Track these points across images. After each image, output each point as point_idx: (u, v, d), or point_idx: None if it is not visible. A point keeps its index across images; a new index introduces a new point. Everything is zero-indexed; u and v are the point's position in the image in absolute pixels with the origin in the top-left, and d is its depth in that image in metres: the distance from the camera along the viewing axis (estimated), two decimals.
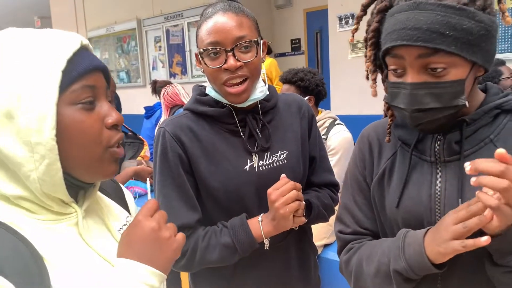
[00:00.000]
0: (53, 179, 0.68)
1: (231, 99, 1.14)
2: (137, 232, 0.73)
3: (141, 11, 7.57)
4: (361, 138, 1.09)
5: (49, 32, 0.71)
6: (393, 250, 0.90)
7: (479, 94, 0.94)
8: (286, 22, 6.85)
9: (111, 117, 0.73)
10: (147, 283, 0.70)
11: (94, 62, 0.72)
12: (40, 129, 0.65)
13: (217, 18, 1.11)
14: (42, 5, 9.53)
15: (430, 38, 0.79)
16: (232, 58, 1.09)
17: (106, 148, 0.73)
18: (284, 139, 1.25)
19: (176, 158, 1.17)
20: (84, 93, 0.70)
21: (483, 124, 0.89)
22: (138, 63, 7.95)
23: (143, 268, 0.71)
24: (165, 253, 0.74)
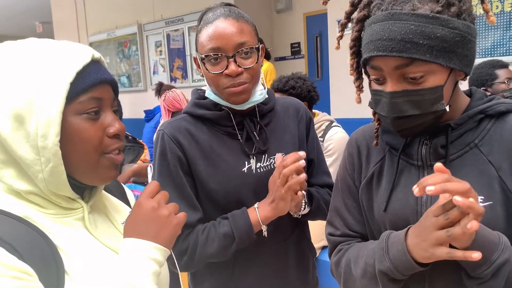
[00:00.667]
0: (57, 180, 0.74)
1: (232, 99, 1.16)
2: (139, 213, 0.81)
3: (141, 15, 7.61)
4: (350, 142, 1.11)
5: (64, 44, 0.76)
6: (378, 252, 0.91)
7: (464, 99, 0.95)
8: (286, 26, 6.88)
9: (113, 127, 0.78)
10: (151, 258, 0.77)
11: (103, 75, 0.78)
12: (46, 135, 0.70)
13: (218, 23, 1.13)
14: (43, 10, 9.58)
15: (404, 48, 0.80)
16: (233, 64, 1.11)
17: (102, 154, 0.78)
18: (282, 142, 1.27)
19: (175, 160, 1.19)
20: (90, 104, 0.75)
21: (468, 128, 0.91)
22: (139, 67, 7.99)
23: (146, 244, 0.78)
24: (166, 229, 0.80)
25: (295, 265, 1.34)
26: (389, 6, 0.84)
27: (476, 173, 0.88)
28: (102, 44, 8.66)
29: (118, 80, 8.74)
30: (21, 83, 0.70)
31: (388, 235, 0.92)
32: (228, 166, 1.21)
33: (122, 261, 0.76)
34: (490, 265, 0.78)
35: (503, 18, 4.44)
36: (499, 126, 0.90)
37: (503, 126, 0.90)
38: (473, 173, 0.88)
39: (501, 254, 0.78)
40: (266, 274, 1.30)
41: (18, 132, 0.71)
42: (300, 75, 2.53)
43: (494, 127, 0.90)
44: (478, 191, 0.84)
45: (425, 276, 0.93)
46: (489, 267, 0.78)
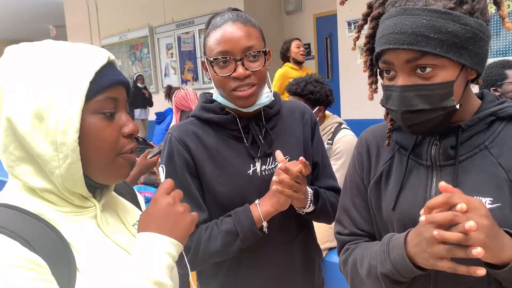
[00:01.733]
0: (74, 176, 0.75)
1: (240, 102, 1.18)
2: (155, 208, 0.83)
3: (153, 19, 7.69)
4: (360, 141, 1.12)
5: (81, 46, 0.79)
6: (379, 254, 0.92)
7: (475, 101, 0.95)
8: (296, 27, 6.89)
9: (127, 127, 0.81)
10: (167, 252, 0.79)
11: (119, 77, 0.80)
12: (66, 131, 0.72)
13: (226, 27, 1.15)
14: (57, 14, 9.73)
15: (415, 41, 0.81)
16: (241, 67, 1.13)
17: (118, 154, 0.81)
18: (287, 145, 1.28)
19: (182, 162, 1.21)
20: (107, 104, 0.77)
21: (478, 130, 0.90)
22: (150, 70, 8.07)
23: (161, 238, 0.79)
24: (181, 225, 0.82)
25: (301, 267, 1.35)
26: (402, 2, 0.85)
27: (485, 174, 0.88)
28: (114, 47, 8.76)
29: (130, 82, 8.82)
30: (41, 82, 0.72)
31: (390, 238, 0.92)
32: (234, 169, 1.23)
33: (138, 254, 0.78)
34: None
35: None
36: (510, 128, 0.90)
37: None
38: (482, 174, 0.88)
39: None
40: (272, 276, 1.30)
41: (37, 129, 0.72)
42: (318, 79, 2.49)
43: (505, 130, 0.90)
44: (487, 192, 0.85)
45: (429, 277, 0.93)
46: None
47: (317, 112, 2.46)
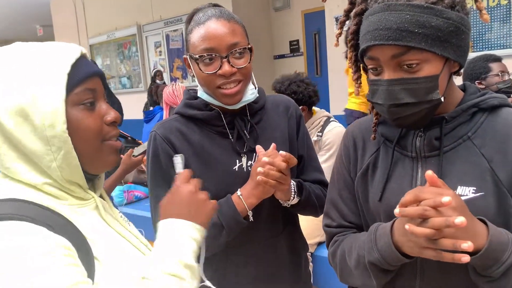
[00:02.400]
0: (70, 165, 0.78)
1: (225, 100, 1.18)
2: (177, 195, 0.88)
3: (140, 17, 7.65)
4: (346, 135, 1.13)
5: (53, 43, 0.81)
6: (367, 243, 0.94)
7: (458, 93, 0.97)
8: (284, 24, 6.90)
9: (109, 115, 0.83)
10: (191, 236, 0.83)
11: (94, 68, 0.83)
12: (53, 124, 0.74)
13: (210, 24, 1.14)
14: (44, 14, 9.63)
15: (400, 37, 0.82)
16: (227, 64, 1.13)
17: (103, 141, 0.83)
18: (272, 139, 1.28)
19: (167, 159, 1.20)
20: (86, 95, 0.79)
21: (461, 121, 0.92)
22: (139, 68, 8.03)
23: (186, 224, 0.84)
24: (203, 211, 0.87)
25: (288, 260, 1.35)
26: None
27: (468, 164, 0.89)
28: (102, 45, 8.71)
29: (118, 81, 8.77)
30: (19, 80, 0.73)
31: (377, 227, 0.94)
32: (219, 165, 1.23)
33: (166, 240, 0.82)
34: (501, 265, 0.78)
35: (500, 11, 4.45)
36: (492, 119, 0.92)
37: (496, 119, 0.91)
38: (466, 164, 0.90)
39: (511, 254, 0.79)
40: (259, 270, 1.30)
41: (23, 127, 0.74)
42: (303, 78, 2.50)
43: (487, 121, 0.92)
44: (471, 182, 0.87)
45: (416, 268, 0.95)
46: (500, 267, 0.78)
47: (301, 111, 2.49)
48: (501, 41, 4.47)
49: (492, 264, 0.79)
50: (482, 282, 0.83)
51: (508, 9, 4.37)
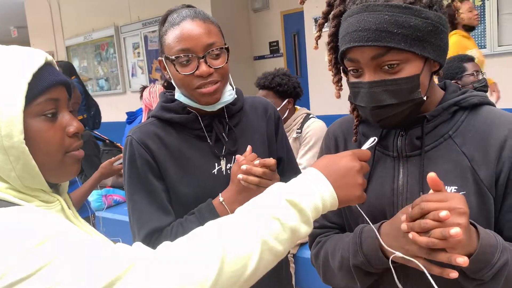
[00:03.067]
0: (31, 174, 0.75)
1: (204, 99, 1.16)
2: (340, 162, 0.82)
3: (118, 18, 7.55)
4: (327, 135, 1.13)
5: (16, 48, 0.78)
6: (352, 246, 0.93)
7: (439, 92, 0.98)
8: (264, 25, 6.91)
9: (72, 126, 0.81)
10: (323, 198, 0.78)
11: (58, 77, 0.79)
12: (10, 134, 0.71)
13: (185, 25, 1.13)
14: (18, 15, 9.42)
15: (379, 37, 0.82)
16: (204, 64, 1.12)
17: (65, 153, 0.81)
18: (251, 141, 1.26)
19: (145, 165, 1.18)
20: (48, 106, 0.77)
21: (442, 120, 0.93)
22: (117, 70, 7.93)
23: (328, 186, 0.79)
24: (349, 192, 0.81)
25: None
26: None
27: (450, 163, 0.90)
28: (79, 47, 8.57)
29: (96, 83, 8.65)
30: None
31: (361, 229, 0.94)
32: (198, 169, 1.21)
33: (297, 181, 0.79)
34: (491, 268, 0.78)
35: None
36: (472, 117, 0.92)
37: (476, 117, 0.92)
38: (447, 163, 0.90)
39: (500, 256, 0.79)
40: None
41: None
42: (285, 72, 2.54)
43: (468, 119, 0.92)
44: (452, 181, 0.87)
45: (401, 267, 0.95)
46: (490, 270, 0.78)
47: (287, 104, 2.51)
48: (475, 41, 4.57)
49: (483, 267, 0.78)
50: (472, 285, 0.82)
51: (482, 10, 4.47)
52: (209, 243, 0.69)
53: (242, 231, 0.71)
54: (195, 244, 0.70)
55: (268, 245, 0.72)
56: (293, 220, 0.74)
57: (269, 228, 0.72)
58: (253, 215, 0.74)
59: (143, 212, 1.17)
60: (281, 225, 0.73)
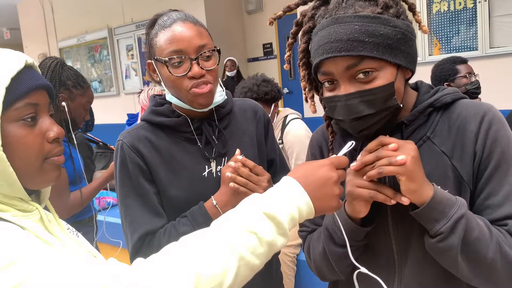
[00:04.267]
0: (8, 181, 0.72)
1: (199, 100, 1.16)
2: (317, 172, 0.81)
3: (112, 20, 7.54)
4: (311, 143, 1.14)
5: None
6: (327, 216, 0.99)
7: (412, 94, 0.99)
8: (257, 27, 6.92)
9: (52, 132, 0.78)
10: (299, 207, 0.77)
11: (38, 81, 0.77)
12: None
13: (177, 27, 1.14)
14: (11, 16, 9.37)
15: (352, 47, 0.83)
16: (196, 66, 1.12)
17: (45, 159, 0.78)
18: (241, 144, 1.27)
19: (136, 169, 1.18)
20: (27, 110, 0.74)
21: (419, 123, 0.94)
22: (111, 72, 7.91)
23: (304, 195, 0.78)
24: (326, 203, 0.80)
25: None
26: (332, 12, 0.87)
27: (432, 165, 0.91)
28: (72, 49, 8.54)
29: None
30: None
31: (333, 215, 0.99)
32: (188, 172, 1.21)
33: (273, 191, 0.78)
34: (448, 220, 0.82)
35: (466, 15, 4.58)
36: (447, 115, 0.94)
37: (450, 115, 0.94)
38: (429, 164, 0.91)
39: (457, 210, 0.82)
40: None
41: None
42: (264, 78, 2.58)
43: (443, 118, 0.94)
44: (436, 181, 0.88)
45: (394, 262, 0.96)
46: (447, 222, 0.82)
47: (274, 109, 2.53)
48: (467, 43, 4.61)
49: (439, 218, 0.83)
50: (434, 243, 0.85)
51: (474, 12, 4.51)
52: (183, 261, 0.68)
53: (218, 246, 0.70)
54: (169, 262, 0.68)
55: (245, 260, 0.70)
56: (270, 233, 0.73)
57: (245, 242, 0.71)
58: (229, 229, 0.72)
59: (136, 215, 1.17)
60: (258, 239, 0.72)
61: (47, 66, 1.88)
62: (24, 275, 0.61)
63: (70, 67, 1.99)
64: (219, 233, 0.72)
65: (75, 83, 1.95)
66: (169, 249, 0.71)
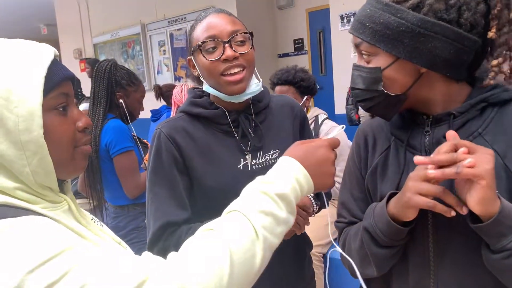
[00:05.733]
0: (45, 170, 0.75)
1: (230, 88, 1.18)
2: (314, 152, 0.87)
3: (144, 16, 7.64)
4: (357, 133, 1.14)
5: (25, 43, 0.78)
6: (367, 213, 0.99)
7: (462, 89, 0.94)
8: (289, 22, 6.87)
9: (81, 121, 0.82)
10: (300, 183, 0.82)
11: (67, 72, 0.80)
12: (29, 128, 0.71)
13: (210, 18, 1.20)
14: (48, 13, 9.65)
15: (356, 28, 0.92)
16: (229, 49, 1.16)
17: (75, 148, 0.82)
18: (277, 139, 1.29)
19: (170, 159, 1.21)
20: (60, 100, 0.77)
21: (470, 117, 0.90)
22: (143, 67, 8.03)
23: (303, 170, 0.83)
24: (322, 180, 0.87)
25: (292, 260, 1.35)
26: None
27: None
28: (106, 45, 8.71)
29: None
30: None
31: (373, 208, 0.98)
32: (224, 163, 1.23)
33: (274, 174, 0.82)
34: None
35: None
36: (502, 114, 0.90)
37: (506, 113, 0.89)
38: None
39: None
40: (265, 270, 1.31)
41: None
42: (302, 68, 2.56)
43: (498, 116, 0.90)
44: None
45: (429, 260, 0.93)
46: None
47: (306, 101, 2.49)
48: None
49: (507, 232, 0.77)
50: (498, 260, 0.79)
51: None
52: (213, 240, 0.72)
53: (243, 227, 0.74)
54: (201, 245, 0.72)
55: (268, 240, 0.75)
56: (283, 213, 0.78)
57: (265, 223, 0.75)
58: (248, 212, 0.76)
59: (161, 204, 1.20)
60: (274, 220, 0.77)
61: (103, 69, 2.14)
62: (69, 265, 0.63)
63: (122, 67, 2.24)
64: (239, 216, 0.76)
65: (128, 82, 2.18)
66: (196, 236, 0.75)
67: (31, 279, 0.60)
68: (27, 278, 0.60)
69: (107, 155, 2.12)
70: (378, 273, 0.98)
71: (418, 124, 0.98)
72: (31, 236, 0.65)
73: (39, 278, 0.60)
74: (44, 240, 0.65)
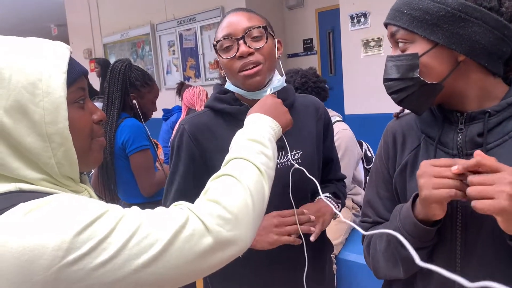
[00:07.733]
0: (70, 161, 0.78)
1: (247, 82, 1.19)
2: (267, 102, 1.10)
3: (154, 16, 7.67)
4: (386, 131, 1.12)
5: (42, 40, 0.81)
6: (394, 215, 0.96)
7: (499, 86, 0.92)
8: (298, 22, 6.85)
9: (96, 115, 0.86)
10: (271, 126, 1.02)
11: (83, 68, 0.84)
12: (55, 121, 0.74)
13: (229, 17, 1.22)
14: (58, 13, 9.72)
15: (394, 16, 0.92)
16: (243, 45, 1.16)
17: (92, 140, 0.85)
18: (300, 140, 1.29)
19: (189, 155, 1.25)
20: (79, 93, 0.81)
21: (507, 116, 0.87)
22: (153, 67, 8.05)
23: (267, 117, 1.04)
24: (283, 117, 1.09)
25: (311, 263, 1.34)
26: None
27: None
28: (116, 45, 8.75)
29: None
30: (19, 76, 0.72)
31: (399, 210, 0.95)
32: None
33: (250, 127, 1.00)
34: None
35: None
36: None
37: None
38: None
39: None
40: (281, 268, 1.30)
41: (22, 124, 0.72)
42: (307, 71, 2.51)
43: None
44: None
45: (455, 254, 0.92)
46: None
47: None
48: None
49: None
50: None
51: None
52: (232, 181, 0.85)
53: (247, 167, 0.88)
54: (224, 186, 0.84)
55: (268, 173, 0.91)
56: (269, 150, 0.95)
57: (262, 160, 0.91)
58: (246, 155, 0.90)
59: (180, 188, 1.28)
60: (267, 157, 0.93)
61: (118, 69, 2.15)
62: (118, 216, 0.70)
63: (137, 67, 2.25)
64: (242, 161, 0.89)
65: (142, 83, 2.20)
66: (214, 180, 0.88)
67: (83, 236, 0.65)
68: (77, 239, 0.64)
69: (123, 153, 2.13)
70: (405, 275, 0.97)
71: (451, 121, 0.95)
72: (74, 204, 0.69)
73: (90, 235, 0.66)
74: (86, 206, 0.70)
